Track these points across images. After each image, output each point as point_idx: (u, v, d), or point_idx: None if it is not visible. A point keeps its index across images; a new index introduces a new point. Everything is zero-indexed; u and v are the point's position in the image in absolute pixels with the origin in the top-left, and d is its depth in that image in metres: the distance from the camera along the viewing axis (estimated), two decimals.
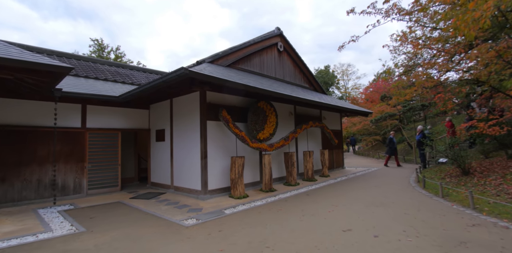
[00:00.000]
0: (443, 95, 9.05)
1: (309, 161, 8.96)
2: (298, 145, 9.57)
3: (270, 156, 7.17)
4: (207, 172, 6.34)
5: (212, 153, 6.49)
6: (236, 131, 6.41)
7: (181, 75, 4.88)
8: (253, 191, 7.11)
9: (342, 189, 7.20)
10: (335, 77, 39.77)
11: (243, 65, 8.71)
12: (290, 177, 8.04)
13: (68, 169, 6.76)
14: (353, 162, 16.16)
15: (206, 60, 7.40)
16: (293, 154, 8.07)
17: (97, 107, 7.37)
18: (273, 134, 7.72)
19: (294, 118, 9.53)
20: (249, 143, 6.68)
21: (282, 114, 8.86)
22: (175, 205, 5.76)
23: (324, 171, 9.93)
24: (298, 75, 11.50)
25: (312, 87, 12.28)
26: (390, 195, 6.26)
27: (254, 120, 7.19)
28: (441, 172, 8.84)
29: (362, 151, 22.44)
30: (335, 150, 12.09)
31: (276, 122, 7.88)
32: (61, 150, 6.69)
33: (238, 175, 6.32)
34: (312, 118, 10.17)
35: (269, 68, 9.80)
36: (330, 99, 11.22)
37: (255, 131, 7.17)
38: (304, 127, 8.86)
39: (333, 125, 12.07)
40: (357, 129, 20.95)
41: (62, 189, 6.64)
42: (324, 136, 11.08)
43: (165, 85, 5.50)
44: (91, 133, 7.23)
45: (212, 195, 6.35)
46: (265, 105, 7.54)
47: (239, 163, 6.34)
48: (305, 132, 9.80)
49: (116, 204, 6.09)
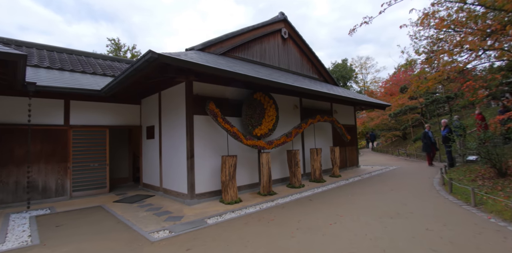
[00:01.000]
0: (473, 83, 7.74)
1: (317, 160, 8.01)
2: (304, 142, 8.63)
3: (269, 154, 6.32)
4: (194, 173, 5.61)
5: (200, 151, 5.74)
6: (227, 126, 5.61)
7: (150, 60, 4.13)
8: (250, 195, 6.30)
9: (352, 193, 6.23)
10: (353, 71, 37.99)
11: (241, 54, 7.86)
12: (294, 178, 7.15)
13: (49, 170, 6.28)
14: (369, 160, 14.93)
15: (196, 48, 6.62)
16: (297, 152, 7.16)
17: (82, 103, 6.83)
18: (272, 130, 6.85)
19: (300, 111, 8.58)
20: (243, 140, 5.86)
21: (285, 107, 7.95)
22: (156, 212, 5.08)
23: (334, 171, 8.93)
24: (306, 64, 10.47)
25: (322, 78, 11.20)
26: (409, 202, 5.22)
27: (250, 114, 6.35)
28: (470, 172, 7.59)
29: (381, 147, 20.97)
30: (348, 147, 11.00)
31: (276, 116, 6.99)
32: (41, 150, 6.21)
33: (229, 177, 5.54)
34: (320, 112, 9.17)
35: (271, 57, 8.88)
36: (341, 90, 10.12)
37: (251, 126, 6.33)
38: (310, 122, 7.90)
39: (345, 119, 10.97)
40: (375, 124, 19.50)
41: (43, 192, 6.17)
42: (335, 132, 10.03)
43: (138, 74, 4.78)
44: (75, 130, 6.71)
45: (200, 200, 5.62)
46: (263, 97, 6.67)
47: (230, 163, 5.55)
48: (313, 128, 8.83)
49: (95, 209, 5.52)
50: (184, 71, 5.02)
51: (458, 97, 15.51)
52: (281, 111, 7.67)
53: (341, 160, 10.45)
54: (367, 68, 39.70)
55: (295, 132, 7.24)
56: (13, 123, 5.91)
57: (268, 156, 6.30)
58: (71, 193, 6.54)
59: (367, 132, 25.25)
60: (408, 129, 17.64)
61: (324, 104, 9.73)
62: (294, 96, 8.35)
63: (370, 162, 13.66)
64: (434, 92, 19.11)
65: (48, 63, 7.62)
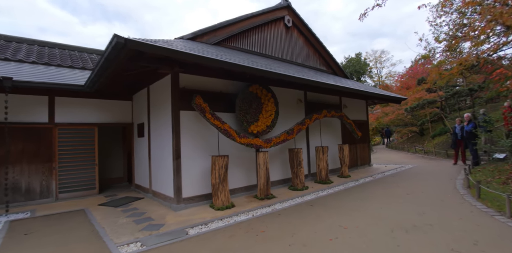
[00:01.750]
0: (505, 71, 6.74)
1: (323, 159, 7.28)
2: (309, 140, 7.90)
3: (266, 154, 5.67)
4: (181, 175, 5.05)
5: (188, 151, 5.17)
6: (217, 123, 5.00)
7: (118, 47, 3.55)
8: (245, 199, 5.69)
9: (361, 198, 5.49)
10: (367, 65, 36.52)
11: (238, 43, 7.19)
12: (296, 179, 6.47)
13: (33, 170, 5.92)
14: (383, 158, 13.97)
15: (185, 37, 6.01)
16: (299, 151, 6.47)
17: (68, 99, 6.42)
18: (271, 127, 6.18)
19: (305, 106, 7.85)
20: (236, 138, 5.24)
21: (287, 101, 7.24)
22: (137, 218, 4.57)
23: (343, 171, 8.17)
24: (312, 56, 9.66)
25: (330, 70, 10.36)
26: (428, 210, 4.44)
27: (244, 109, 5.70)
28: (499, 172, 6.65)
29: (396, 144, 19.78)
30: (359, 144, 10.16)
31: (275, 111, 6.31)
32: (23, 149, 5.84)
33: (219, 179, 4.94)
34: (328, 106, 8.39)
35: (273, 48, 8.16)
36: (351, 83, 9.27)
37: (246, 123, 5.69)
38: (315, 118, 7.16)
39: (356, 114, 10.11)
40: (390, 120, 18.37)
41: (26, 193, 5.82)
42: (345, 128, 9.22)
43: (113, 64, 4.22)
44: (61, 128, 6.31)
45: (187, 205, 5.06)
46: (260, 90, 6.00)
47: (220, 164, 4.95)
48: (319, 124, 8.07)
49: (75, 213, 5.08)
50: (163, 60, 4.43)
51: (483, 89, 14.19)
52: (282, 105, 6.98)
53: (351, 158, 9.65)
54: (382, 62, 38.08)
55: (297, 129, 6.54)
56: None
57: (265, 155, 5.66)
58: (57, 195, 6.16)
59: (383, 127, 24.00)
60: (425, 125, 16.43)
61: (332, 98, 8.93)
62: (297, 89, 7.62)
63: (383, 160, 12.74)
64: (454, 85, 17.71)
65: (35, 58, 7.25)
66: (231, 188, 5.78)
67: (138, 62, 4.17)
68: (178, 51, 3.86)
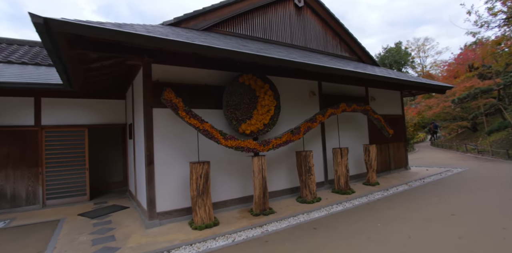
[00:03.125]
0: None
1: (341, 164, 5.96)
2: (325, 140, 6.60)
3: (263, 159, 4.60)
4: (155, 185, 4.22)
5: (164, 156, 4.32)
6: (193, 122, 4.05)
7: (41, 30, 2.77)
8: (237, 213, 4.69)
9: (385, 218, 4.14)
10: (409, 55, 33.10)
11: (234, 28, 6.15)
12: (305, 189, 5.29)
13: (18, 175, 5.59)
14: (425, 158, 11.89)
15: (166, 23, 5.16)
16: (308, 155, 5.26)
17: (55, 100, 6.01)
18: (270, 125, 5.07)
19: (319, 100, 6.57)
20: (220, 140, 4.24)
21: (295, 94, 6.05)
22: (100, 236, 3.83)
23: (370, 177, 6.72)
24: (331, 40, 8.24)
25: (354, 56, 8.82)
26: (480, 246, 3.00)
27: (233, 104, 4.68)
28: None
29: (442, 141, 17.08)
30: (393, 143, 8.51)
31: (276, 106, 5.18)
32: (8, 154, 5.53)
33: (198, 191, 4.00)
34: (349, 99, 6.98)
35: (280, 32, 6.97)
36: (380, 70, 7.68)
37: (235, 121, 4.67)
38: (330, 113, 5.86)
39: (388, 108, 8.47)
40: (434, 113, 15.85)
41: (11, 200, 5.50)
42: (373, 125, 7.68)
43: (59, 55, 3.50)
44: (48, 131, 5.92)
45: (162, 221, 4.22)
46: (253, 81, 4.91)
47: (199, 173, 4.00)
48: (340, 120, 6.71)
49: (48, 225, 4.55)
50: (121, 48, 3.60)
51: None
52: (288, 99, 5.82)
53: (382, 161, 8.08)
54: (426, 50, 34.27)
55: (305, 128, 5.32)
56: None
57: (261, 161, 4.58)
58: (45, 202, 5.79)
59: (429, 122, 21.09)
60: (479, 118, 13.74)
61: (355, 89, 7.47)
62: (309, 80, 6.37)
63: (426, 161, 10.76)
64: None
65: (28, 59, 7.02)
66: (222, 200, 4.84)
67: (86, 50, 3.39)
68: (115, 30, 2.97)
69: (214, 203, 4.73)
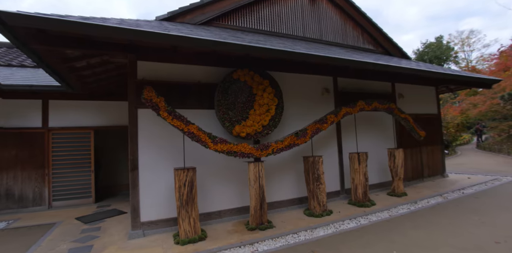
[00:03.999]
0: None
1: (359, 171, 5.16)
2: (342, 143, 5.82)
3: (260, 165, 4.05)
4: (139, 192, 3.89)
5: (150, 161, 3.98)
6: (177, 123, 3.64)
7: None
8: (231, 226, 4.18)
9: (406, 245, 3.34)
10: (451, 49, 30.05)
11: (237, 22, 5.65)
12: (313, 200, 4.61)
13: (25, 177, 5.68)
14: (468, 164, 10.32)
15: (158, 18, 4.83)
16: (317, 161, 4.58)
17: (62, 102, 6.04)
18: (270, 127, 4.48)
19: (334, 98, 5.83)
20: (208, 144, 3.78)
21: (304, 91, 5.40)
22: (79, 245, 3.57)
23: (395, 186, 5.79)
24: (352, 31, 7.38)
25: (380, 48, 7.83)
26: None
27: (226, 103, 4.18)
28: None
29: (490, 144, 14.88)
30: (426, 147, 7.39)
31: (278, 105, 4.57)
32: (16, 155, 5.64)
33: (182, 201, 3.57)
34: (370, 97, 6.10)
35: (290, 25, 6.33)
36: (407, 62, 6.65)
37: (228, 122, 4.16)
38: (344, 112, 5.10)
39: (420, 106, 7.38)
40: (480, 112, 13.87)
41: (19, 201, 5.60)
42: (401, 127, 6.68)
43: (34, 53, 3.30)
44: (55, 133, 5.96)
45: (147, 231, 3.87)
46: (250, 77, 4.36)
47: (182, 181, 3.58)
48: (354, 121, 5.88)
49: (41, 228, 4.47)
50: (92, 43, 3.30)
51: None
52: (295, 98, 5.19)
53: (413, 167, 7.02)
54: (471, 44, 30.68)
55: (313, 129, 4.64)
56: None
57: (258, 168, 4.03)
58: (51, 203, 5.82)
59: (477, 122, 18.67)
60: None
61: (379, 85, 6.56)
62: (321, 75, 5.66)
63: (468, 167, 9.28)
64: None
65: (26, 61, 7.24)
66: (216, 210, 4.37)
67: (56, 46, 3.14)
68: (73, 22, 2.63)
69: (207, 213, 4.29)
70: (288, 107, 5.02)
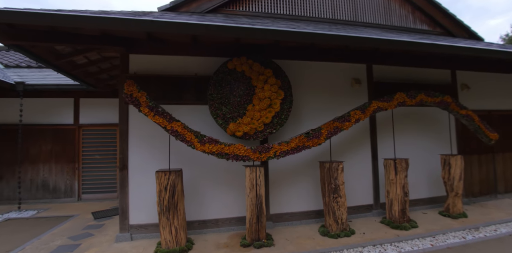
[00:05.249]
0: None
1: (395, 183, 4.06)
2: (378, 145, 4.73)
3: (257, 171, 3.43)
4: (128, 193, 3.67)
5: (140, 161, 3.73)
6: (159, 120, 3.26)
7: None
8: (227, 239, 3.65)
9: None
10: None
11: (250, 7, 5.02)
12: (329, 217, 3.75)
13: (59, 170, 6.14)
14: None
15: (161, 8, 4.53)
16: (336, 168, 3.71)
17: (90, 100, 6.37)
18: (275, 125, 3.77)
19: (368, 89, 4.78)
20: (194, 144, 3.31)
21: (326, 82, 4.52)
22: (71, 243, 3.53)
23: (450, 204, 4.45)
24: (399, 9, 6.02)
25: (439, 28, 6.24)
26: None
27: (219, 98, 3.64)
28: None
29: None
30: (501, 153, 5.65)
31: (285, 99, 3.82)
32: (51, 149, 6.14)
33: (162, 207, 3.19)
34: (420, 88, 4.80)
35: (315, 6, 5.42)
36: (470, 43, 5.07)
37: (221, 119, 3.62)
38: (375, 108, 4.05)
39: (494, 100, 5.66)
40: None
41: (53, 191, 6.09)
42: (464, 127, 5.16)
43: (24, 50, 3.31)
44: (85, 129, 6.33)
45: (135, 235, 3.64)
46: (248, 66, 3.70)
47: (163, 185, 3.19)
48: (391, 119, 4.71)
49: (57, 220, 4.69)
50: (74, 36, 3.14)
51: None
52: (314, 90, 4.38)
53: (482, 180, 5.41)
54: None
55: (330, 129, 3.77)
56: (29, 124, 6.02)
57: (255, 173, 3.41)
58: (80, 195, 6.19)
59: None
60: None
61: (433, 73, 5.18)
62: (349, 62, 4.67)
63: None
64: None
65: None
66: (213, 218, 3.92)
67: (34, 41, 3.06)
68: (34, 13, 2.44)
69: (202, 220, 3.87)
70: (302, 101, 4.23)
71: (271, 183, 4.16)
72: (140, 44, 3.74)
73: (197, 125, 3.80)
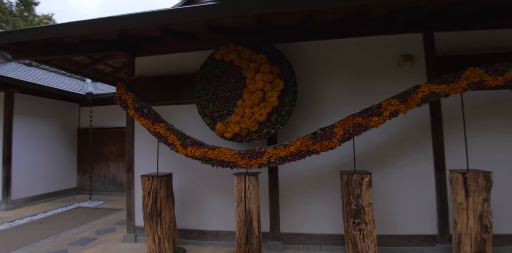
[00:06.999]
0: None
1: (465, 208, 2.64)
2: (445, 151, 3.25)
3: (247, 180, 2.86)
4: (134, 195, 3.74)
5: (143, 162, 3.73)
6: (144, 121, 3.13)
7: None
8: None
9: None
10: None
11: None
12: (349, 248, 2.75)
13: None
14: None
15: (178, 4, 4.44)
16: (357, 182, 2.69)
17: None
18: (271, 124, 3.03)
19: (427, 67, 3.35)
20: (177, 147, 3.01)
21: (356, 66, 3.42)
22: (90, 236, 3.84)
23: None
24: None
25: None
26: None
27: (206, 94, 3.19)
28: None
29: None
30: None
31: (285, 91, 3.01)
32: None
33: (146, 213, 3.04)
34: None
35: None
36: None
37: (209, 118, 3.17)
38: (425, 94, 2.71)
39: None
40: None
41: (120, 186, 7.06)
42: None
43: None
44: None
45: (140, 236, 3.67)
46: (236, 54, 3.06)
47: (147, 190, 3.03)
48: (462, 114, 3.10)
49: (108, 212, 5.42)
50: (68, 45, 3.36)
51: None
52: (339, 79, 3.37)
53: None
54: None
55: (346, 127, 2.74)
56: (102, 127, 7.20)
57: (244, 183, 2.84)
58: None
59: None
60: None
61: None
62: (396, 34, 3.39)
63: None
64: None
65: None
66: (213, 230, 3.56)
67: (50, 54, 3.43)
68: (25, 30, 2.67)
69: (202, 230, 3.56)
70: (329, 92, 3.32)
71: (282, 195, 3.43)
72: (146, 44, 3.74)
73: (195, 126, 3.53)
